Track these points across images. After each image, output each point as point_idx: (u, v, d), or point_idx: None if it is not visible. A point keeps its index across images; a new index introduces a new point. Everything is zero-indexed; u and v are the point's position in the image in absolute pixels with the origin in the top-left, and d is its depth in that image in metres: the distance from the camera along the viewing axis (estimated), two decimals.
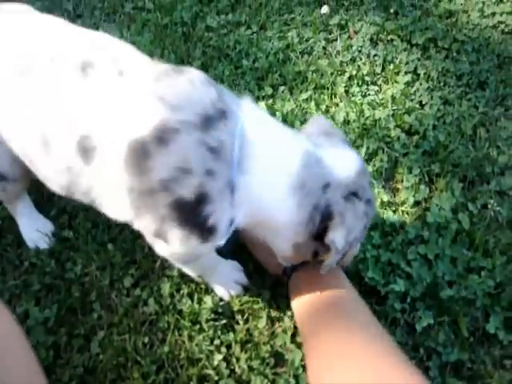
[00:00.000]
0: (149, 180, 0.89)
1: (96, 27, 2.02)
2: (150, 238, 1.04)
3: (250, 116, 0.97)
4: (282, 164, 0.96)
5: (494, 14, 2.17)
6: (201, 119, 0.89)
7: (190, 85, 0.95)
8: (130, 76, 0.95)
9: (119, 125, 0.91)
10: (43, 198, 1.49)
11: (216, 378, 1.17)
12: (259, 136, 0.95)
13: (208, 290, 1.29)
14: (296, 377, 1.16)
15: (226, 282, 1.28)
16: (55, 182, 1.04)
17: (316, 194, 0.95)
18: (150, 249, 1.32)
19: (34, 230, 1.41)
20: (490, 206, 1.45)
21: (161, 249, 1.04)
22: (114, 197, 0.97)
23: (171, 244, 0.97)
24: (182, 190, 0.88)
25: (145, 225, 0.97)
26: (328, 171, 0.97)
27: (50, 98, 0.96)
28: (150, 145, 0.87)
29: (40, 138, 0.98)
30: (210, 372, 1.17)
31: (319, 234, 0.98)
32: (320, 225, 0.97)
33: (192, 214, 0.90)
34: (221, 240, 0.99)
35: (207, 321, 1.24)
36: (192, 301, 1.27)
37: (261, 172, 0.94)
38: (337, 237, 0.95)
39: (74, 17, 2.10)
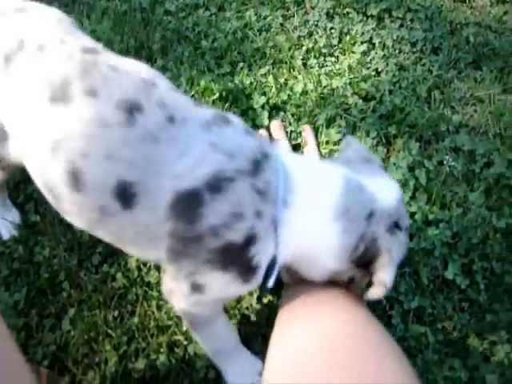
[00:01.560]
0: (199, 227, 0.85)
1: None
2: (170, 287, 0.98)
3: (287, 154, 1.00)
4: (323, 192, 0.93)
5: None
6: (251, 165, 0.89)
7: (236, 133, 0.94)
8: (179, 123, 0.90)
9: (168, 172, 0.86)
10: (9, 185, 1.48)
11: (185, 342, 1.18)
12: (299, 170, 0.95)
13: None
14: (263, 336, 1.17)
15: (241, 376, 1.13)
16: (81, 218, 0.94)
17: (361, 222, 0.92)
18: None
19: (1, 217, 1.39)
20: (445, 162, 1.47)
21: (181, 300, 0.98)
22: (147, 240, 0.92)
23: (207, 290, 0.93)
24: (231, 235, 0.86)
25: (178, 269, 0.92)
26: (371, 198, 0.94)
27: (90, 136, 0.87)
28: (203, 193, 0.85)
29: (70, 173, 0.88)
30: (180, 337, 1.18)
31: (361, 264, 0.95)
32: (364, 255, 0.94)
33: (238, 257, 0.88)
34: (260, 280, 0.95)
35: None
36: (159, 272, 1.27)
37: (303, 203, 0.92)
38: (388, 276, 0.92)
39: None
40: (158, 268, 1.29)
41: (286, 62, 1.82)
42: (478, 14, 2.05)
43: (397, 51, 1.87)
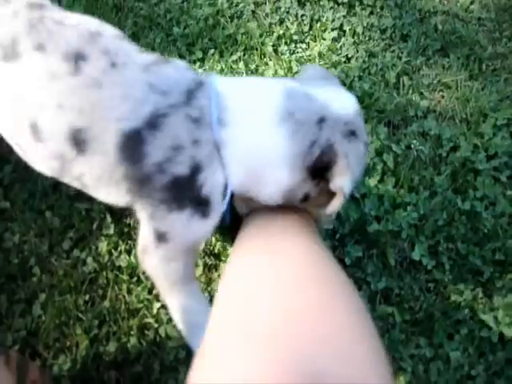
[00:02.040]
0: (145, 166, 0.87)
1: None
2: (141, 245, 0.98)
3: (223, 79, 0.96)
4: (261, 103, 0.91)
5: None
6: (185, 96, 0.89)
7: (176, 71, 0.94)
8: (121, 67, 0.91)
9: (112, 117, 0.88)
10: None
11: (156, 325, 1.17)
12: (233, 88, 0.93)
13: None
14: None
15: None
16: (45, 166, 0.98)
17: (311, 126, 0.88)
18: (88, 211, 1.33)
19: None
20: (413, 147, 1.49)
21: (152, 255, 0.97)
22: (108, 185, 0.93)
23: (171, 237, 0.92)
24: (176, 168, 0.87)
25: (142, 214, 0.93)
26: (321, 105, 0.90)
27: (42, 88, 0.90)
28: (143, 132, 0.86)
29: (29, 125, 0.92)
30: (150, 320, 1.18)
31: (317, 172, 0.90)
32: (319, 161, 0.89)
33: (188, 189, 0.88)
34: (219, 210, 0.93)
35: (144, 273, 1.23)
36: (129, 256, 1.27)
37: (239, 118, 0.90)
38: (345, 182, 0.88)
39: None
40: (128, 252, 1.29)
41: (257, 49, 1.81)
42: (446, 2, 2.07)
43: (367, 38, 1.88)
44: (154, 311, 1.19)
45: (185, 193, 0.88)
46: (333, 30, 1.88)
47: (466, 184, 1.42)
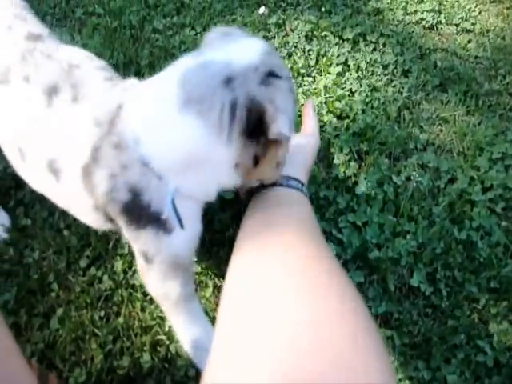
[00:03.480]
0: (99, 197, 0.89)
1: None
2: (140, 270, 1.03)
3: (131, 92, 0.92)
4: (161, 104, 0.85)
5: (416, 11, 2.26)
6: (109, 124, 0.88)
7: (107, 94, 0.94)
8: (82, 101, 0.93)
9: (73, 151, 0.91)
10: (0, 191, 1.48)
11: (167, 342, 1.20)
12: (135, 102, 0.89)
13: None
14: None
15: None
16: (33, 185, 1.06)
17: (217, 93, 0.80)
18: (104, 231, 1.36)
19: None
20: (412, 178, 1.52)
21: (148, 278, 1.02)
22: (89, 213, 0.97)
23: (151, 252, 0.93)
24: (119, 195, 0.87)
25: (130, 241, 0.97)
26: (221, 66, 0.81)
27: (23, 115, 0.96)
28: (91, 165, 0.88)
29: (17, 148, 0.98)
30: (162, 337, 1.20)
31: (254, 132, 0.84)
32: (250, 119, 0.82)
33: (140, 210, 0.87)
34: (174, 221, 0.89)
35: None
36: None
37: (148, 127, 0.85)
38: (280, 125, 0.81)
39: None
40: None
41: None
42: (445, 40, 2.13)
43: (370, 73, 1.93)
44: (166, 329, 1.21)
45: (139, 214, 0.87)
46: (338, 64, 1.94)
47: (463, 214, 1.45)
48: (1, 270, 1.33)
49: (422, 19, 2.23)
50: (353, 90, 1.85)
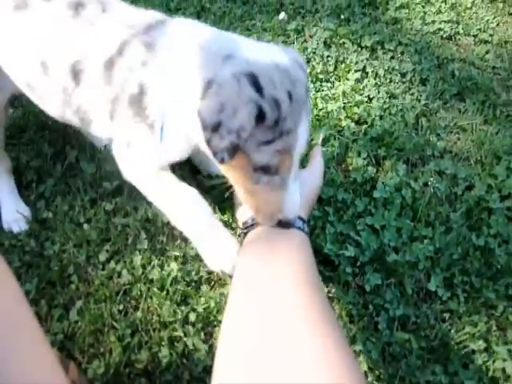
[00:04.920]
0: (114, 86, 1.03)
1: None
2: (118, 154, 1.12)
3: (182, 20, 1.07)
4: (190, 38, 0.99)
5: (434, 21, 2.27)
6: (145, 28, 1.02)
7: (147, 13, 1.09)
8: (109, 11, 1.08)
9: (99, 49, 1.04)
10: (22, 184, 1.48)
11: (185, 339, 1.19)
12: (180, 27, 1.03)
13: (177, 260, 1.31)
14: None
15: (220, 256, 1.06)
16: (51, 101, 1.16)
17: (215, 61, 0.89)
18: (124, 227, 1.36)
19: (13, 212, 1.40)
20: (430, 184, 1.51)
21: (130, 166, 1.11)
22: (97, 112, 1.10)
23: (135, 146, 1.06)
24: (130, 87, 1.00)
25: (118, 132, 1.09)
26: (235, 45, 0.91)
27: (49, 30, 1.08)
28: (114, 58, 1.02)
29: (40, 63, 1.09)
30: (180, 334, 1.19)
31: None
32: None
33: (140, 108, 1.00)
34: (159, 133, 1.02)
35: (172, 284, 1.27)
36: (162, 270, 1.29)
37: (169, 46, 0.99)
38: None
39: None
40: (161, 267, 1.31)
41: None
42: (462, 51, 2.13)
43: (388, 80, 1.92)
44: (183, 325, 1.20)
45: (139, 110, 1.00)
46: (356, 71, 1.94)
47: (480, 221, 1.44)
48: (22, 261, 1.33)
49: (439, 29, 2.23)
50: (371, 97, 1.84)
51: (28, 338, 0.78)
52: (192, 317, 1.22)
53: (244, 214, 1.06)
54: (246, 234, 1.03)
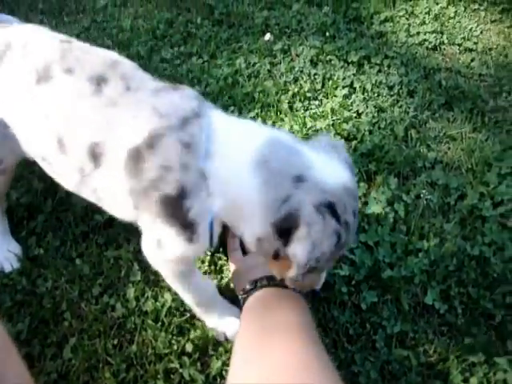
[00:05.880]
0: (143, 181, 0.94)
1: None
2: (145, 249, 1.08)
3: (219, 114, 1.01)
4: (244, 144, 0.93)
5: (418, 33, 2.29)
6: (181, 121, 0.95)
7: (181, 98, 1.00)
8: (135, 91, 1.00)
9: (122, 134, 0.97)
10: (13, 221, 1.49)
11: (181, 370, 1.18)
12: (223, 125, 0.98)
13: (171, 290, 1.30)
14: None
15: (223, 324, 1.22)
16: (67, 179, 1.10)
17: (285, 180, 0.87)
18: (116, 259, 1.36)
19: (5, 251, 1.40)
20: (422, 196, 1.51)
21: (157, 258, 1.08)
22: (119, 199, 1.02)
23: (165, 246, 1.00)
24: (165, 187, 0.92)
25: (144, 225, 1.04)
26: (304, 163, 0.89)
27: (68, 106, 1.02)
28: (142, 150, 0.94)
29: (57, 140, 1.03)
30: (176, 365, 1.18)
31: (282, 232, 0.88)
32: (285, 221, 0.87)
33: (176, 209, 0.93)
34: (204, 236, 0.98)
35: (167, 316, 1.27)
36: (156, 301, 1.29)
37: (224, 154, 0.93)
38: (299, 250, 0.86)
39: None
40: (154, 298, 1.30)
41: (273, 106, 1.88)
42: (448, 60, 2.14)
43: (376, 94, 1.94)
44: (179, 356, 1.19)
45: (174, 212, 0.94)
46: (344, 87, 1.95)
47: (475, 230, 1.44)
48: (14, 301, 1.33)
49: (424, 40, 2.25)
50: (359, 112, 1.85)
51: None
52: (188, 347, 1.21)
53: (240, 281, 1.18)
54: (245, 298, 1.12)
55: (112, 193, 1.03)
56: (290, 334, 0.93)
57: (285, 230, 0.87)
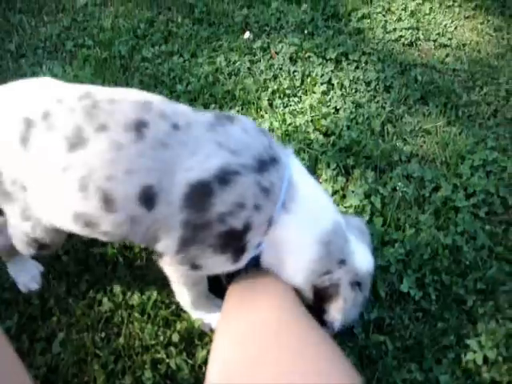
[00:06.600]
0: (209, 214, 0.96)
1: (40, 65, 2.08)
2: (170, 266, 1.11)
3: (296, 168, 1.08)
4: (319, 217, 1.06)
5: (395, 29, 2.35)
6: (257, 163, 0.98)
7: (244, 132, 1.03)
8: (185, 128, 0.99)
9: (180, 169, 0.95)
10: None
11: (167, 360, 1.23)
12: (303, 186, 1.06)
13: (156, 284, 1.35)
14: None
15: (208, 316, 1.28)
16: (114, 235, 1.03)
17: (334, 260, 1.06)
18: (102, 255, 1.40)
19: (27, 274, 1.39)
20: (398, 189, 1.58)
21: (178, 274, 1.14)
22: (161, 232, 1.00)
23: (204, 267, 1.06)
24: (234, 222, 0.97)
25: (183, 256, 1.03)
26: (348, 251, 1.08)
27: (109, 161, 0.95)
28: (213, 184, 0.95)
29: (103, 200, 0.96)
30: (162, 356, 1.23)
31: (318, 296, 1.09)
32: (324, 290, 1.07)
33: (237, 241, 1.00)
34: (244, 262, 1.06)
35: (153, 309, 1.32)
36: (142, 294, 1.33)
37: (298, 217, 1.03)
38: (337, 320, 1.08)
39: (17, 57, 2.14)
40: (141, 291, 1.35)
41: (253, 103, 1.93)
42: (424, 56, 2.21)
43: (353, 90, 2.00)
44: (166, 346, 1.24)
45: (233, 243, 1.00)
46: (322, 83, 2.01)
47: (448, 221, 1.51)
48: (2, 299, 1.36)
49: (401, 36, 2.31)
50: (337, 108, 1.91)
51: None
52: (175, 338, 1.26)
53: None
54: (229, 282, 1.21)
55: (158, 229, 1.00)
56: (273, 295, 1.08)
57: (320, 295, 1.08)
